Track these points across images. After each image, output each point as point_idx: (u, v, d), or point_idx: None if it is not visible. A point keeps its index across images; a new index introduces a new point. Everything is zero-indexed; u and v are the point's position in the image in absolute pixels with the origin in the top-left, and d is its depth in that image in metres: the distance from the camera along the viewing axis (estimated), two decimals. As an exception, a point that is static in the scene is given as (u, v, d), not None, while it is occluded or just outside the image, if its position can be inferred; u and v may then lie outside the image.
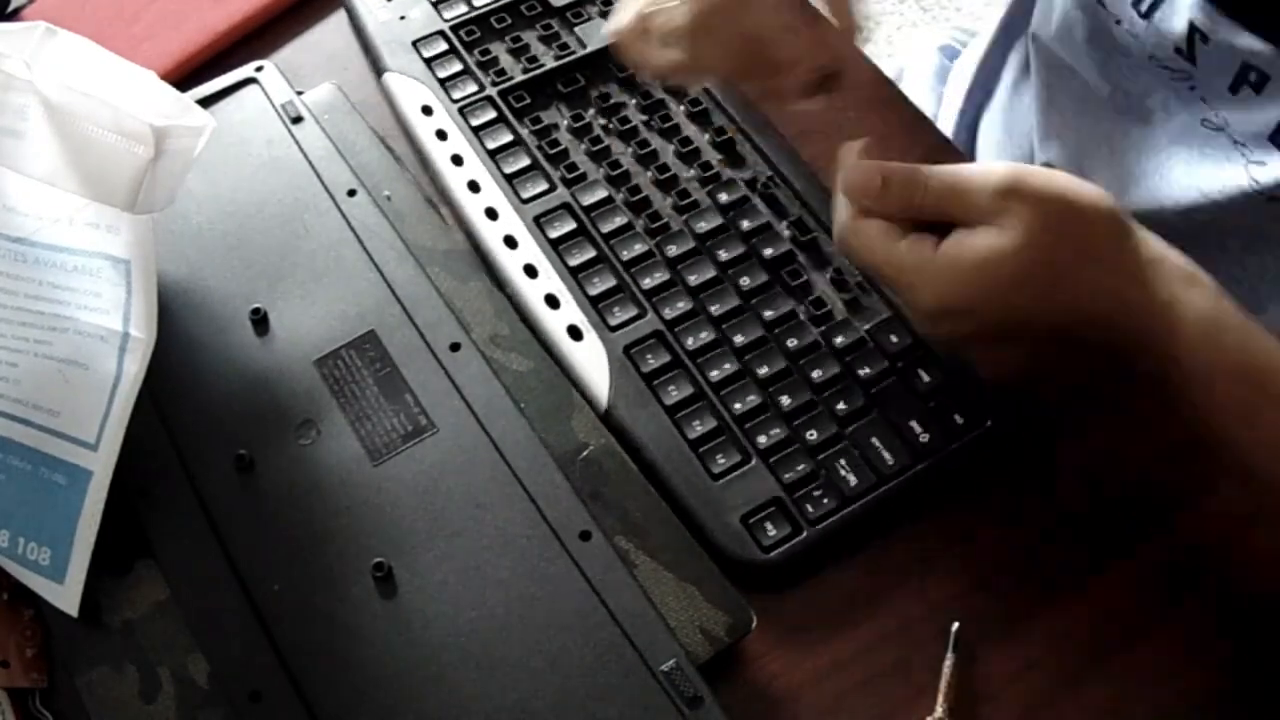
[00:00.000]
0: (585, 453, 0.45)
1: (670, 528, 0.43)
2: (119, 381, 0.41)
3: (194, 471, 0.44)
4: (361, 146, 0.53)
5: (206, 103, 0.55)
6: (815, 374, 0.47)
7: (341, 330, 0.47)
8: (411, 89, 0.57)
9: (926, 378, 0.47)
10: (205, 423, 0.45)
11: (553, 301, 0.50)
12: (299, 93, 0.55)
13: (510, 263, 0.51)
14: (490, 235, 0.52)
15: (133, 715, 0.39)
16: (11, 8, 0.64)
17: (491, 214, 0.53)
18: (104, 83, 0.42)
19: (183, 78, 0.61)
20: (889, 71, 0.68)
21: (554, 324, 0.49)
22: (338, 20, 0.63)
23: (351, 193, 0.51)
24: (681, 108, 0.57)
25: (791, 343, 0.48)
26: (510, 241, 0.52)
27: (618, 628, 0.39)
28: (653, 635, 0.39)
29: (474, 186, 0.54)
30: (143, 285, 0.43)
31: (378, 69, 0.59)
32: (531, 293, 0.50)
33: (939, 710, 0.41)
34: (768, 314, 0.49)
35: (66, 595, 0.40)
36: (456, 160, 0.55)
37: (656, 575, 0.42)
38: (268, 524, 0.42)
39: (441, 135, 0.56)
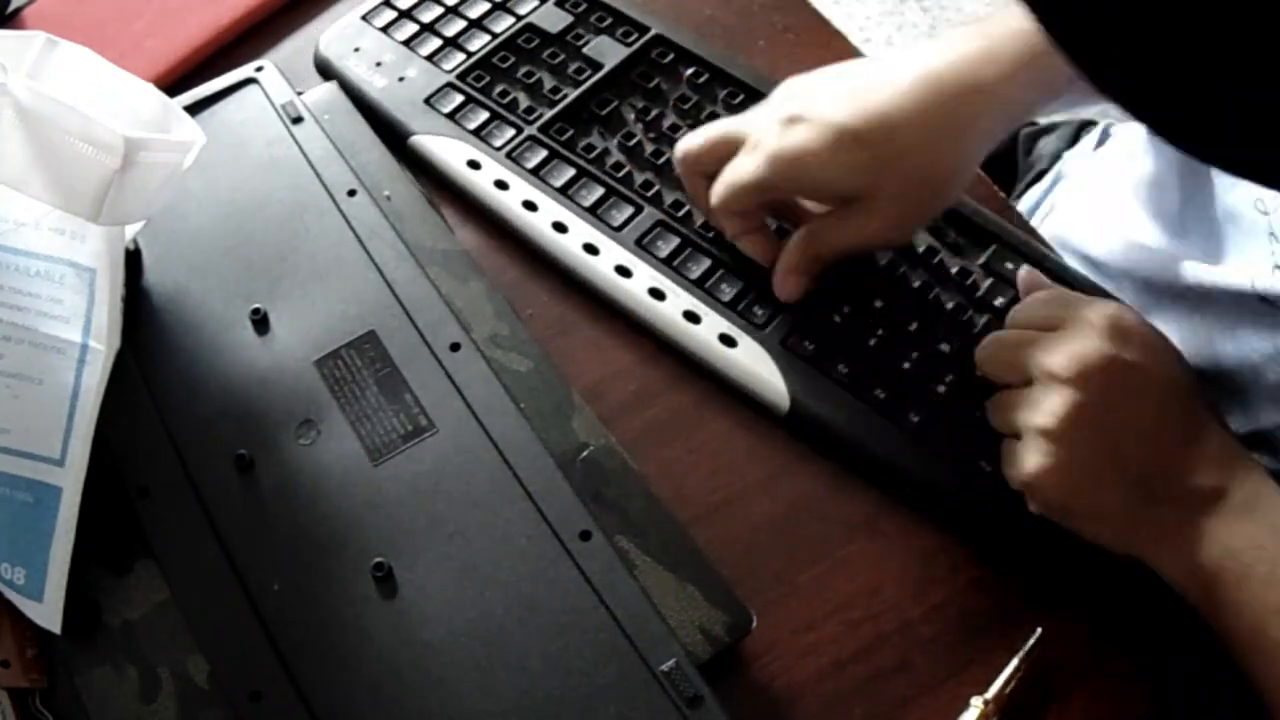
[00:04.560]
0: (585, 453, 0.45)
1: (670, 527, 0.43)
2: (78, 395, 0.41)
3: (194, 471, 0.44)
4: (361, 146, 0.53)
5: (206, 103, 0.55)
6: (954, 312, 0.50)
7: (341, 330, 0.47)
8: (447, 147, 0.55)
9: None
10: (205, 423, 0.45)
11: (692, 317, 0.50)
12: (299, 93, 0.55)
13: (632, 290, 0.51)
14: (599, 270, 0.51)
15: (133, 715, 0.39)
16: (12, 7, 0.64)
17: (591, 249, 0.52)
18: (100, 93, 0.42)
19: (185, 75, 0.61)
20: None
21: (703, 337, 0.49)
22: (338, 17, 0.63)
23: (351, 193, 0.51)
24: (720, 104, 0.57)
25: (936, 297, 0.50)
26: (623, 271, 0.51)
27: (618, 628, 0.39)
28: (653, 635, 0.39)
29: (560, 227, 0.53)
30: (107, 295, 0.42)
31: (398, 136, 0.57)
32: (668, 313, 0.50)
33: (980, 700, 0.41)
34: (893, 271, 0.51)
35: (47, 613, 0.40)
36: (530, 206, 0.53)
37: (656, 575, 0.42)
38: (268, 524, 0.42)
39: (502, 185, 0.54)
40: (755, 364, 0.48)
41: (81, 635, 0.41)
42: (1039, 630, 0.43)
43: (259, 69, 0.56)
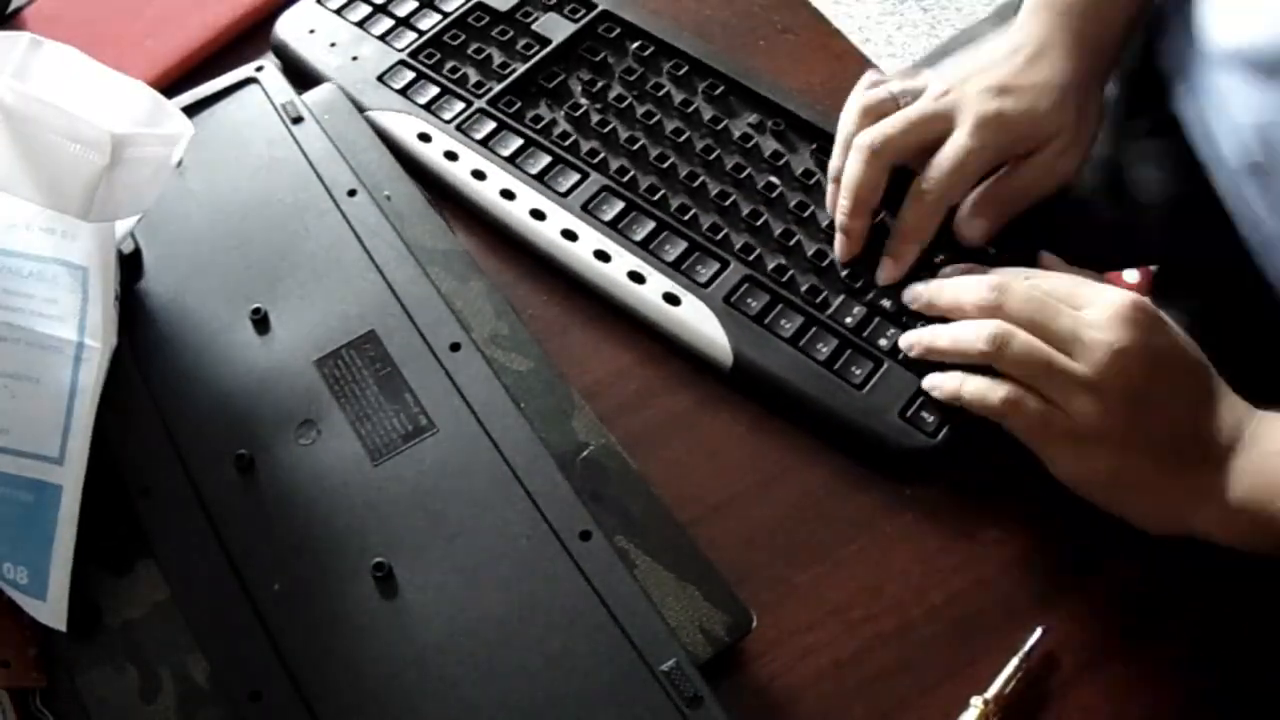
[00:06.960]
0: (585, 453, 0.45)
1: (670, 528, 0.43)
2: (75, 393, 0.41)
3: (194, 471, 0.44)
4: (361, 146, 0.53)
5: (206, 103, 0.55)
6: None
7: (341, 330, 0.47)
8: (400, 121, 0.57)
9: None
10: (205, 423, 0.45)
11: (637, 277, 0.51)
12: (299, 92, 0.55)
13: (578, 253, 0.52)
14: (546, 234, 0.53)
15: (133, 715, 0.39)
16: (12, 7, 0.64)
17: (538, 215, 0.53)
18: (86, 91, 0.42)
19: (185, 75, 0.61)
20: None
21: (648, 296, 0.51)
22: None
23: (351, 193, 0.51)
24: (665, 76, 0.58)
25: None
26: (569, 235, 0.53)
27: (618, 628, 0.39)
28: (653, 635, 0.39)
29: (508, 194, 0.54)
30: (100, 293, 0.42)
31: (358, 107, 0.58)
32: (613, 274, 0.51)
33: (980, 700, 0.41)
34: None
35: (51, 612, 0.40)
36: (478, 175, 0.55)
37: (656, 575, 0.42)
38: (268, 524, 0.42)
39: (451, 156, 0.56)
40: (699, 321, 0.50)
41: (82, 635, 0.41)
42: (1039, 630, 0.43)
43: (259, 69, 0.56)
